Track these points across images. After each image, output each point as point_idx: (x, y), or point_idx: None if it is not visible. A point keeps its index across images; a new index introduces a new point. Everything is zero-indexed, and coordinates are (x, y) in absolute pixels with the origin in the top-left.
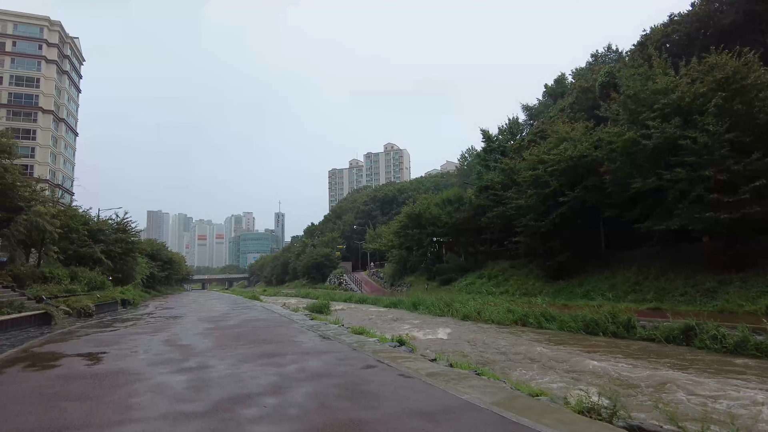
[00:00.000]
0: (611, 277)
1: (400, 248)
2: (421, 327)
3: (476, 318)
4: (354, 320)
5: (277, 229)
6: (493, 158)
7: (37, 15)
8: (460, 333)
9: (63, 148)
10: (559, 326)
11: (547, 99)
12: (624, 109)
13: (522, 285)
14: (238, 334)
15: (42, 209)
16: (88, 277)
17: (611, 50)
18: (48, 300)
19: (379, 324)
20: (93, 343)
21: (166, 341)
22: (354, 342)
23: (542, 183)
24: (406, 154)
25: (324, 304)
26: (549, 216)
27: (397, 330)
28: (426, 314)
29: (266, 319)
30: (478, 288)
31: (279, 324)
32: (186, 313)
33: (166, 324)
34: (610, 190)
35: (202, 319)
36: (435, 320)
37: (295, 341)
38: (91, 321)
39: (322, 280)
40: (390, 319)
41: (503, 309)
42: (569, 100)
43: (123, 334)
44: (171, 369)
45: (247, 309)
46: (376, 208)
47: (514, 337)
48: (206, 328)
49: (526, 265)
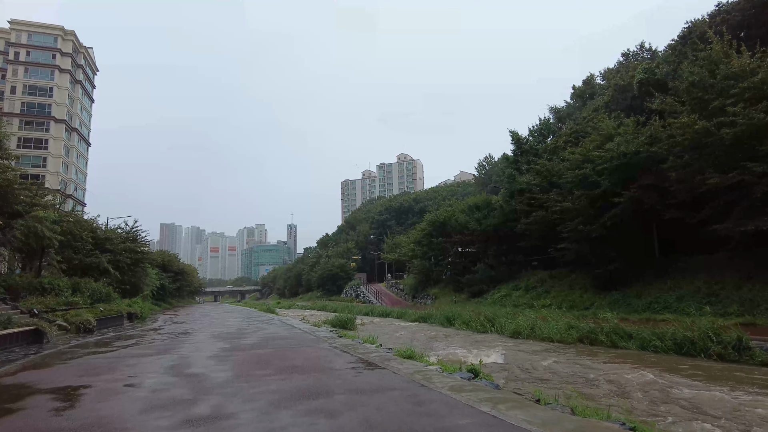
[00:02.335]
0: (675, 286)
1: (423, 258)
2: (467, 347)
3: (528, 335)
4: (386, 338)
5: (289, 241)
6: (525, 160)
7: (51, 24)
8: (519, 355)
9: (75, 157)
10: (639, 345)
11: (575, 101)
12: (689, 98)
13: (567, 297)
14: (261, 357)
15: (42, 214)
16: (91, 288)
17: (644, 48)
18: (44, 314)
19: (416, 343)
20: (80, 371)
21: (172, 368)
22: (412, 372)
23: (590, 183)
24: (419, 165)
25: (348, 318)
26: (600, 219)
27: (441, 350)
28: (464, 330)
29: (289, 336)
30: (514, 301)
31: (305, 343)
32: (198, 329)
33: (174, 342)
34: (674, 189)
35: (216, 336)
36: (478, 338)
37: (336, 369)
38: (90, 338)
39: (338, 292)
40: (427, 338)
41: (562, 325)
42: (604, 99)
43: (121, 356)
44: (174, 420)
45: (264, 323)
46: (391, 218)
47: (594, 360)
48: (222, 349)
49: (567, 275)
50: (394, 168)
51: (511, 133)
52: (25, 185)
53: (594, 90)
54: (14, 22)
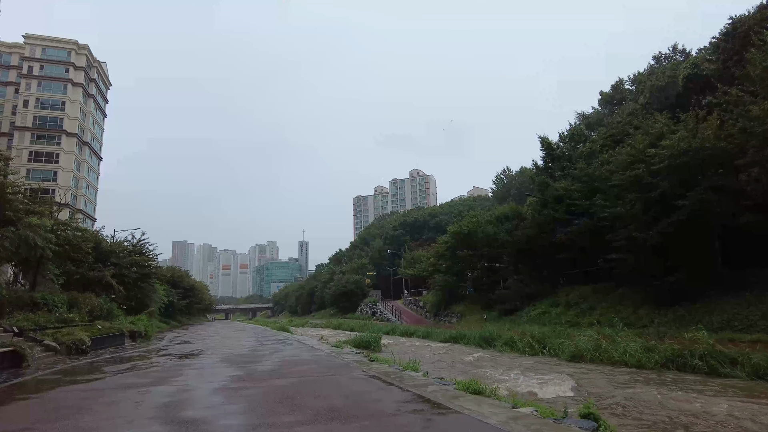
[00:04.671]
0: (756, 302)
1: (446, 273)
2: (527, 374)
3: (592, 358)
4: (423, 362)
5: (300, 258)
6: (558, 167)
7: (65, 39)
8: (598, 383)
9: (86, 172)
10: (750, 372)
11: (603, 107)
12: (763, 85)
13: (617, 314)
14: (285, 391)
15: (35, 221)
16: (90, 304)
17: (677, 50)
18: (31, 332)
19: (459, 367)
20: (36, 413)
21: (165, 407)
22: (504, 418)
23: (644, 186)
24: (432, 180)
25: (373, 338)
26: (657, 225)
27: (498, 378)
28: (507, 353)
29: (312, 360)
30: (554, 318)
31: (334, 369)
32: (205, 349)
33: (175, 368)
34: (750, 189)
35: (226, 359)
36: (529, 362)
37: (391, 414)
38: (81, 360)
39: (352, 309)
40: (471, 362)
41: (636, 346)
42: (641, 101)
43: (104, 388)
44: None
45: (280, 344)
46: (406, 233)
47: (712, 394)
48: (232, 378)
49: (612, 290)
50: (406, 183)
51: (541, 139)
52: (18, 189)
53: (623, 95)
54: (29, 37)
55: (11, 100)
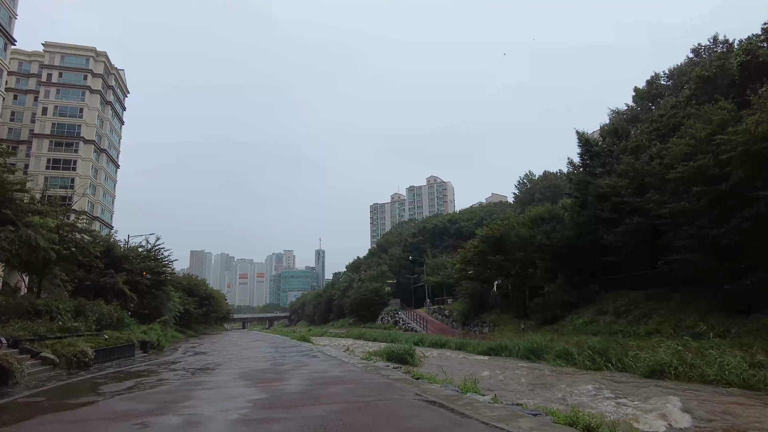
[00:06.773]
0: None
1: (476, 280)
2: (602, 394)
3: (677, 375)
4: (485, 383)
5: (317, 267)
6: (598, 163)
7: (84, 46)
8: (712, 408)
9: (103, 179)
10: None
11: (638, 103)
12: None
13: (681, 322)
14: (325, 425)
15: (37, 220)
16: (99, 312)
17: (717, 42)
18: (27, 343)
19: (518, 385)
20: None
21: None
22: None
23: (710, 178)
24: (450, 187)
25: (406, 349)
26: (729, 221)
27: (571, 401)
28: (562, 366)
29: (345, 377)
30: (603, 328)
31: (377, 391)
32: (222, 362)
33: (185, 387)
34: None
35: (246, 375)
36: (596, 378)
37: None
38: (81, 376)
39: (372, 318)
40: (530, 380)
41: (735, 361)
42: (686, 93)
43: (90, 418)
44: None
45: (303, 356)
46: (426, 240)
47: None
48: (254, 403)
49: (669, 295)
50: (423, 190)
51: (579, 135)
52: (22, 186)
53: (659, 90)
54: (48, 45)
55: (30, 108)
